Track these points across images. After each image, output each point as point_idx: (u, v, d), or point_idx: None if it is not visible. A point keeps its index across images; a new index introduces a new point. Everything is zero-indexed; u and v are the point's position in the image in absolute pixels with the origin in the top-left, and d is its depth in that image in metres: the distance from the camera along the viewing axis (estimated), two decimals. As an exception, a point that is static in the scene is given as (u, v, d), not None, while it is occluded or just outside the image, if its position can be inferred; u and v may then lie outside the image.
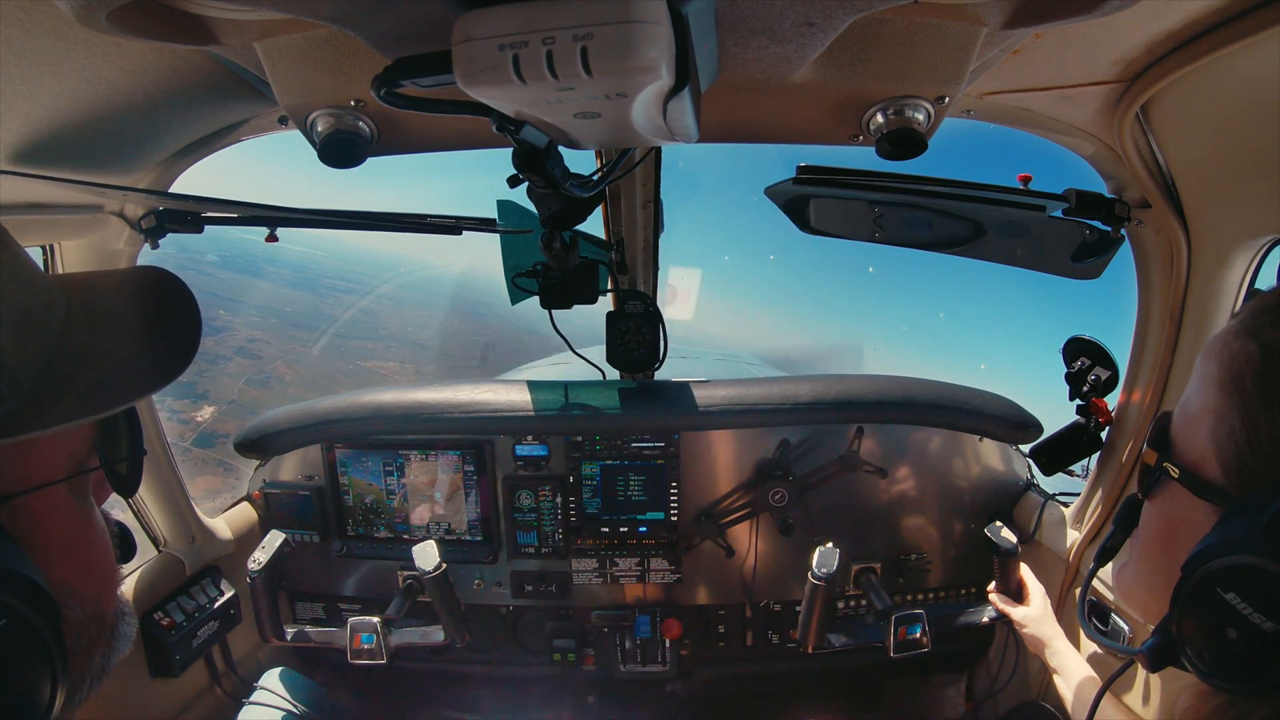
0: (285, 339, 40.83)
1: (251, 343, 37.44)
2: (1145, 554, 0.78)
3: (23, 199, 1.29)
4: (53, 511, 0.65)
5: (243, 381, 30.47)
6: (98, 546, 0.71)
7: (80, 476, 0.69)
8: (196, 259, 52.83)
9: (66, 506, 0.67)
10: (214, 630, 1.96)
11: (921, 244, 1.98)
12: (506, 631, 2.34)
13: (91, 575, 0.69)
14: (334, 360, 40.74)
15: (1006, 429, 2.18)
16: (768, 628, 2.31)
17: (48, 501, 0.64)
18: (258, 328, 40.32)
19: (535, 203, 1.29)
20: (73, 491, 0.68)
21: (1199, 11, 1.00)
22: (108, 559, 0.73)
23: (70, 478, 0.67)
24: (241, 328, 38.98)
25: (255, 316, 42.90)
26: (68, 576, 0.65)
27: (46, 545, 0.63)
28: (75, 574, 0.66)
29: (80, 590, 0.67)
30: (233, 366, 32.59)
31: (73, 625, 0.65)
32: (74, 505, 0.68)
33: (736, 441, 2.17)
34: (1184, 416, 0.72)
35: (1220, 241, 1.41)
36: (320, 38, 0.93)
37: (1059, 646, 1.60)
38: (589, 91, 0.64)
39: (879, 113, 1.07)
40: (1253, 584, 0.57)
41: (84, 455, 0.69)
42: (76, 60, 0.91)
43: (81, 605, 0.66)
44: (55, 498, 0.65)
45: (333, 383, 30.45)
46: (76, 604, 0.66)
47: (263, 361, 33.88)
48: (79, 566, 0.67)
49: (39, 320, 0.63)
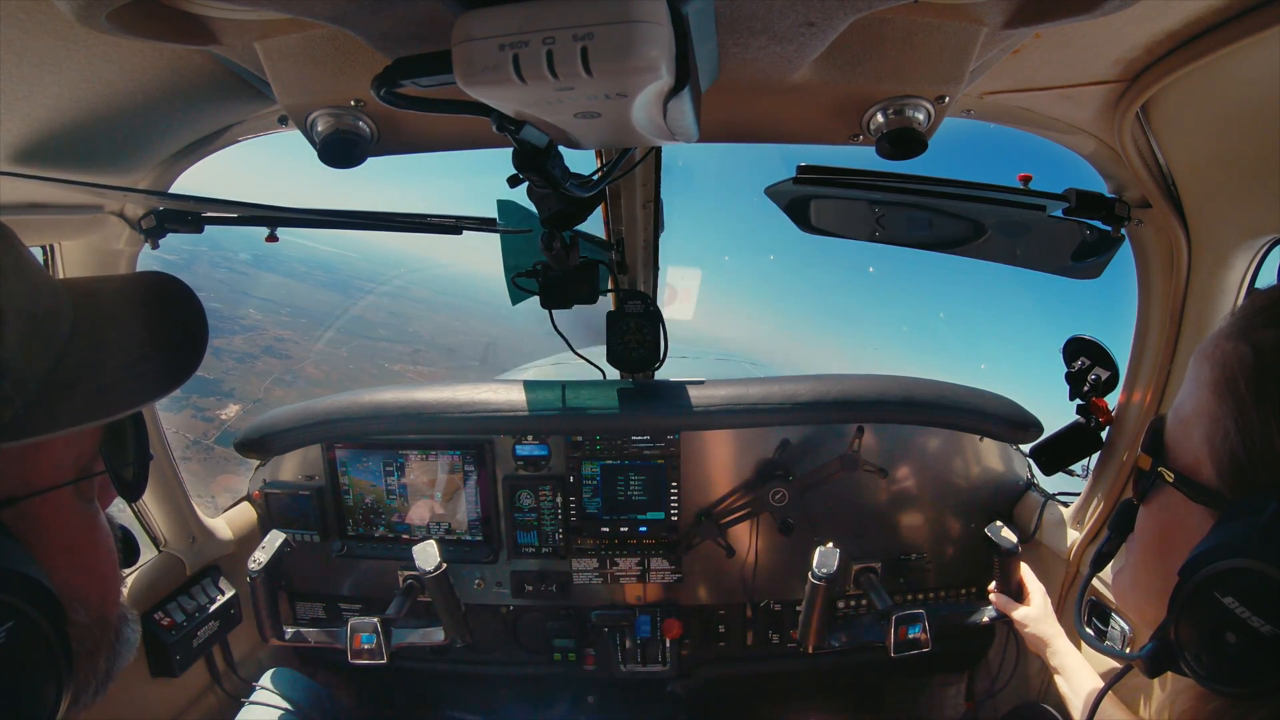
0: (314, 339, 40.82)
1: (280, 342, 37.48)
2: (1141, 559, 0.78)
3: (23, 199, 1.29)
4: (58, 515, 0.65)
5: (269, 381, 30.48)
6: (102, 550, 0.71)
7: (86, 480, 0.69)
8: (229, 257, 52.81)
9: (72, 510, 0.67)
10: (214, 630, 1.96)
11: (922, 244, 1.98)
12: (506, 631, 2.34)
13: (95, 578, 0.69)
14: (361, 361, 40.62)
15: (1007, 429, 2.18)
16: (768, 627, 2.31)
17: (53, 505, 0.64)
18: (287, 327, 40.34)
19: (535, 203, 1.29)
20: (78, 495, 0.68)
21: (1199, 11, 1.00)
22: (111, 562, 0.73)
23: (76, 481, 0.67)
24: (271, 327, 38.99)
25: (285, 315, 42.88)
26: (72, 579, 0.65)
27: (52, 548, 0.63)
28: (79, 577, 0.66)
29: (84, 593, 0.67)
30: (260, 365, 32.56)
31: (77, 628, 0.65)
32: (79, 508, 0.68)
33: (737, 441, 2.17)
34: (1178, 420, 0.72)
35: (1220, 241, 1.41)
36: (320, 37, 0.93)
37: (1059, 646, 1.60)
38: (589, 91, 0.64)
39: (879, 112, 1.07)
40: (1251, 587, 0.57)
41: (90, 459, 0.69)
42: (76, 60, 0.90)
43: (86, 608, 0.66)
44: (61, 501, 0.65)
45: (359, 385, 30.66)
46: (81, 607, 0.66)
47: (290, 361, 33.84)
48: (83, 569, 0.67)
49: (45, 324, 0.64)
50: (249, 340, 36.41)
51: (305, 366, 35.43)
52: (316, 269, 62.59)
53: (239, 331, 41.38)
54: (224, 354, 39.37)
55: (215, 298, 50.44)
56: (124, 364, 0.67)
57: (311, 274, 60.80)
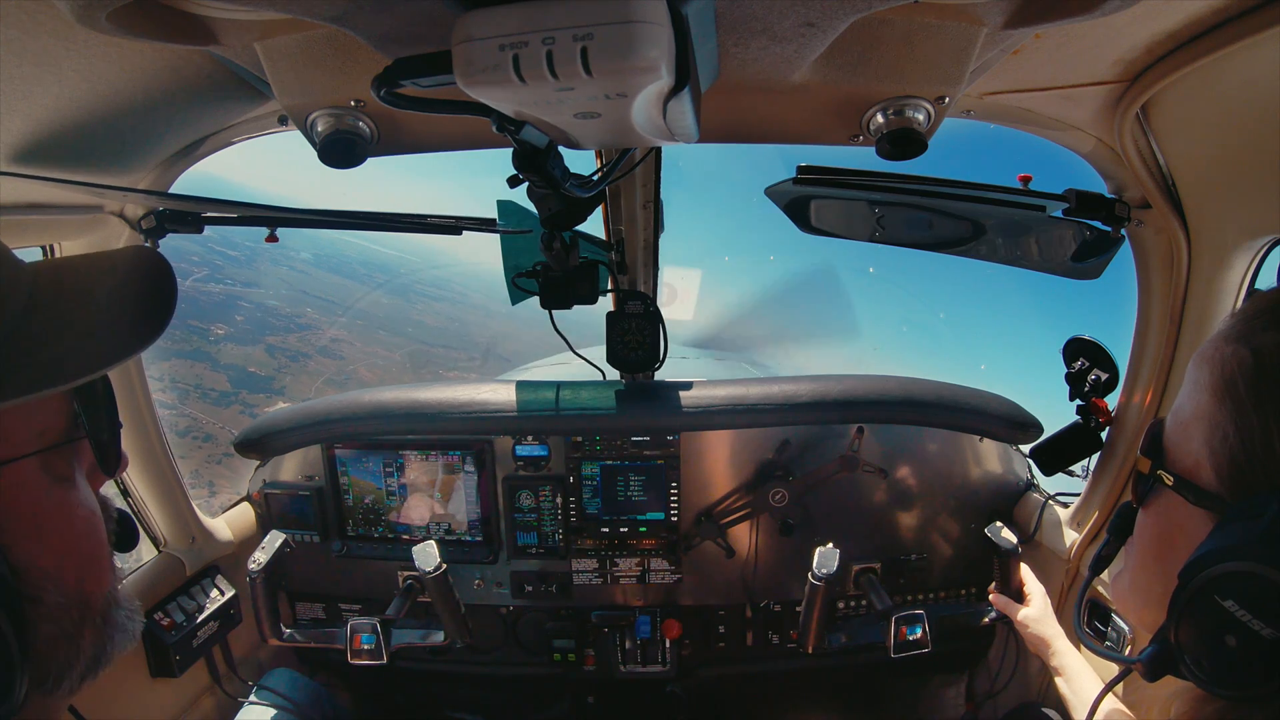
0: (369, 341, 40.67)
1: (335, 343, 37.45)
2: (1141, 562, 0.78)
3: (23, 199, 1.29)
4: (20, 489, 0.64)
5: (320, 381, 30.42)
6: (79, 529, 0.70)
7: (55, 456, 0.67)
8: (290, 255, 52.62)
9: (36, 484, 0.66)
10: (214, 630, 1.96)
11: (922, 244, 1.98)
12: (506, 632, 2.34)
13: (70, 558, 0.68)
14: (417, 367, 40.48)
15: (1007, 429, 2.18)
16: (768, 628, 2.31)
17: (13, 479, 0.63)
18: (343, 328, 40.31)
19: (535, 203, 1.29)
20: (47, 471, 0.67)
21: (1199, 12, 1.00)
22: (93, 542, 0.71)
23: (36, 454, 0.65)
24: (327, 327, 38.97)
25: (342, 317, 42.86)
26: (38, 557, 0.64)
27: (13, 525, 0.62)
28: (48, 555, 0.65)
29: (55, 572, 0.65)
30: (314, 365, 32.46)
31: (48, 608, 0.64)
32: (46, 484, 0.67)
33: (737, 441, 2.17)
34: (1177, 423, 0.71)
35: (1220, 242, 1.41)
36: (320, 38, 0.93)
37: (1060, 647, 1.60)
38: (589, 92, 0.64)
39: (879, 113, 1.07)
40: (1252, 591, 0.57)
41: (56, 434, 0.68)
42: (76, 60, 0.90)
43: (60, 589, 0.65)
44: (22, 475, 0.64)
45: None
46: (53, 587, 0.65)
47: (344, 362, 33.77)
48: (53, 548, 0.66)
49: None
50: (303, 339, 36.41)
51: (358, 369, 35.48)
52: (377, 271, 62.34)
53: (294, 330, 41.33)
54: (277, 351, 39.14)
55: (273, 295, 50.20)
56: (79, 335, 0.66)
57: (371, 276, 60.56)
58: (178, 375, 34.66)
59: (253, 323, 43.56)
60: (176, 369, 34.92)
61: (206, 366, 37.19)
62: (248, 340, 40.29)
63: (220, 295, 47.59)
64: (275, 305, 47.67)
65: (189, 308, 42.92)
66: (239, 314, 44.75)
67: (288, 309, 47.41)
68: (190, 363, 36.63)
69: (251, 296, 48.98)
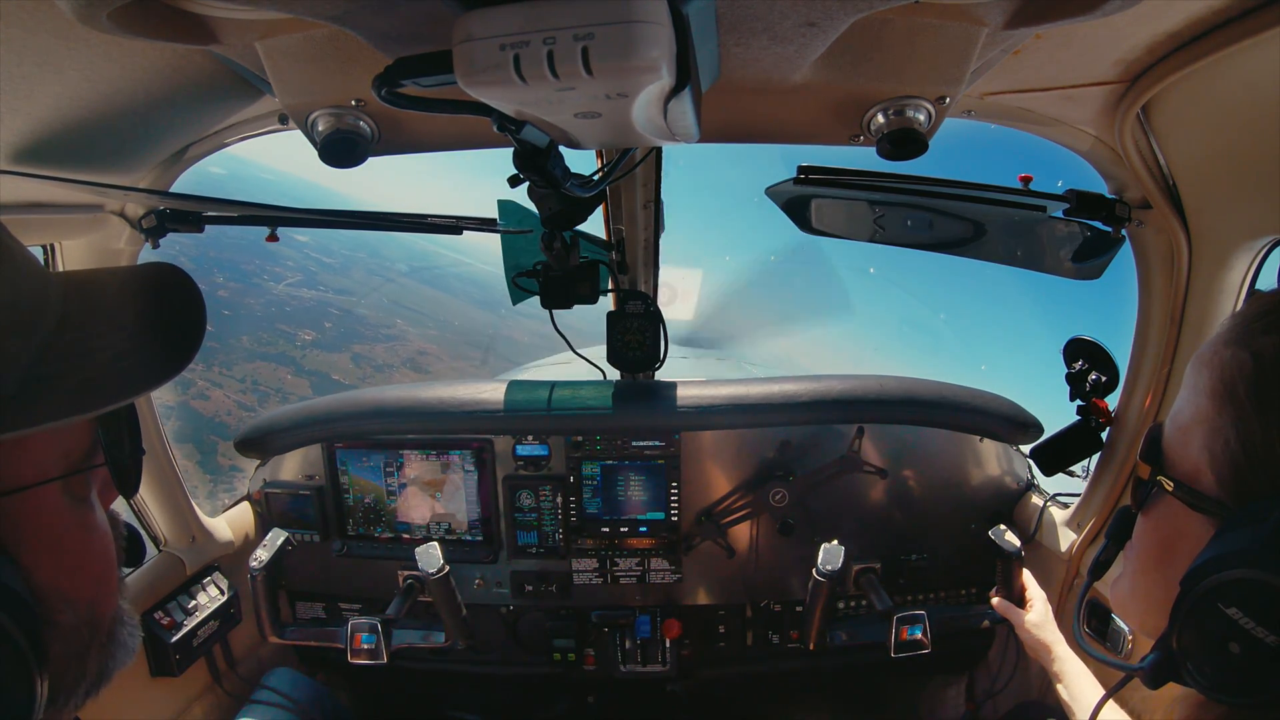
0: (455, 355, 40.30)
1: (422, 355, 37.20)
2: (1141, 568, 0.77)
3: (23, 199, 1.29)
4: (43, 513, 0.63)
5: None
6: (95, 549, 0.69)
7: (76, 478, 0.67)
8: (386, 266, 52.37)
9: (58, 508, 0.65)
10: (214, 630, 1.96)
11: (922, 244, 1.98)
12: (506, 631, 2.34)
13: (85, 578, 0.67)
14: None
15: (1007, 429, 2.18)
16: (768, 628, 2.31)
17: (38, 502, 0.62)
18: (432, 341, 39.96)
19: (536, 203, 1.29)
20: (67, 493, 0.66)
21: (1200, 12, 1.00)
22: (105, 562, 0.71)
23: (62, 478, 0.65)
24: (415, 339, 38.63)
25: (432, 330, 42.46)
26: (57, 579, 0.63)
27: (35, 547, 0.62)
28: (66, 577, 0.65)
29: (71, 593, 0.65)
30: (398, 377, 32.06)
31: (62, 629, 0.63)
32: (68, 507, 0.66)
33: (737, 441, 2.17)
34: (1176, 428, 0.71)
35: (1221, 242, 1.41)
36: (321, 37, 0.93)
37: (1060, 652, 1.59)
38: (590, 91, 0.64)
39: (880, 113, 1.07)
40: (1255, 598, 0.56)
41: (80, 456, 0.67)
42: (77, 60, 0.90)
43: (74, 610, 0.65)
44: (46, 498, 0.63)
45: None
46: (68, 609, 0.64)
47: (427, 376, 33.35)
48: (70, 569, 0.65)
49: (27, 316, 0.62)
50: (390, 350, 36.25)
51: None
52: (470, 285, 61.60)
53: (381, 340, 40.95)
54: (363, 361, 39.09)
55: (364, 303, 49.80)
56: (110, 357, 0.65)
57: (465, 290, 59.83)
58: (260, 378, 34.44)
59: (341, 330, 43.47)
60: (260, 371, 34.60)
61: (290, 371, 37.05)
62: (334, 347, 40.12)
63: (311, 301, 47.47)
64: (365, 314, 47.58)
65: (278, 311, 42.82)
66: (328, 320, 44.79)
67: (376, 318, 47.18)
68: (275, 365, 36.43)
69: (342, 304, 48.91)
